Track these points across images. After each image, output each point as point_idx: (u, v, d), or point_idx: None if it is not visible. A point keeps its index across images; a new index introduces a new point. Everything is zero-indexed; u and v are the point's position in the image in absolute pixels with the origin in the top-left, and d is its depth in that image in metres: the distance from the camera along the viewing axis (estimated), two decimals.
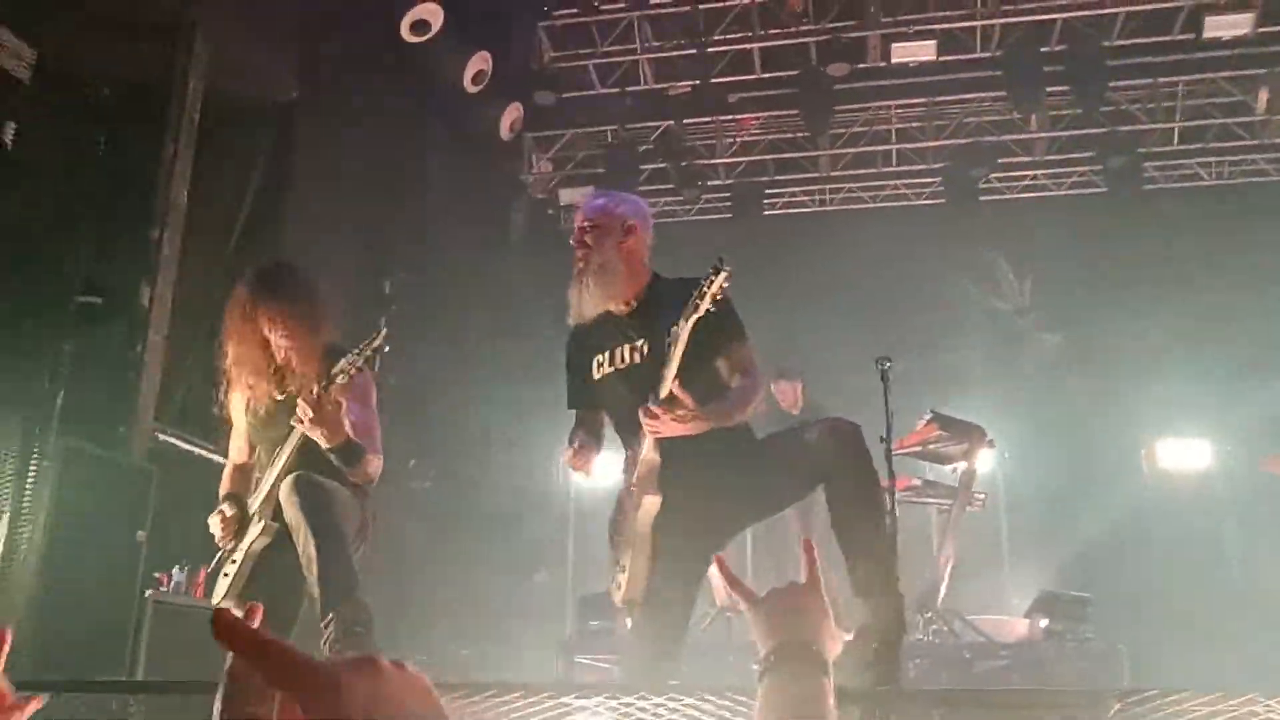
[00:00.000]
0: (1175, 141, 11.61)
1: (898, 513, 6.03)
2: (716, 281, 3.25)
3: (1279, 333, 10.21)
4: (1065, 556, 9.25)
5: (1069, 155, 11.93)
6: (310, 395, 3.81)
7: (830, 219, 12.63)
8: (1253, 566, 8.65)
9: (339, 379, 3.81)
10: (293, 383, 4.05)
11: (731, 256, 3.27)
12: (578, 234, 3.83)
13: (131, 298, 6.45)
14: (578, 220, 3.91)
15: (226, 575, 4.07)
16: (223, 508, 4.15)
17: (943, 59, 10.74)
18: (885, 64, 10.94)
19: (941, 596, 7.02)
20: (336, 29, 8.52)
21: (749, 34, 11.21)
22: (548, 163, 12.73)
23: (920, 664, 6.66)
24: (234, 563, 4.06)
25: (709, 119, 12.04)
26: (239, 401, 4.23)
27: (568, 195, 12.00)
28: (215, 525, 4.14)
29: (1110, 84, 10.72)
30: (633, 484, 3.52)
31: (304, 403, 3.81)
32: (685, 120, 11.94)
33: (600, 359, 3.77)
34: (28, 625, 4.91)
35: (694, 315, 3.31)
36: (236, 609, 4.01)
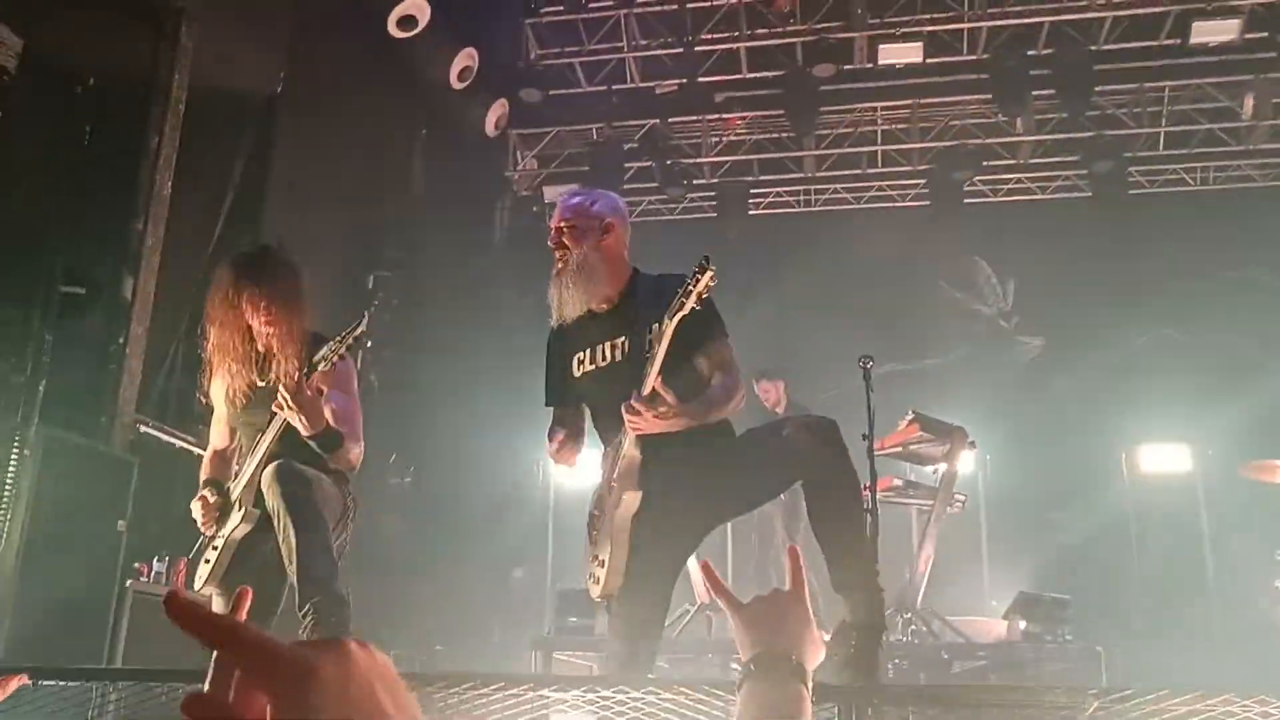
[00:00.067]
0: (1161, 146, 11.65)
1: (879, 513, 6.03)
2: (702, 280, 3.22)
3: (1261, 338, 10.28)
4: (1045, 559, 9.27)
5: (1054, 159, 11.96)
6: (292, 381, 3.81)
7: (815, 220, 12.65)
8: (1231, 570, 8.68)
9: (321, 366, 3.81)
10: (274, 369, 4.03)
11: (715, 256, 3.26)
12: (555, 234, 3.77)
13: (114, 289, 6.44)
14: (554, 220, 3.84)
15: (208, 562, 4.06)
16: (204, 493, 4.14)
17: (929, 61, 10.79)
18: (871, 65, 11.01)
19: (920, 597, 7.03)
20: (323, 23, 8.52)
21: (736, 33, 11.25)
22: (533, 160, 12.71)
23: (899, 664, 6.68)
24: (215, 549, 4.06)
25: (695, 118, 12.03)
26: (220, 387, 4.20)
27: (552, 193, 11.96)
28: (197, 510, 4.13)
29: (1096, 88, 10.77)
30: (613, 480, 3.52)
31: (285, 389, 3.80)
32: (671, 119, 11.96)
33: (581, 356, 3.76)
34: (7, 613, 4.91)
35: (679, 313, 3.28)
36: (219, 596, 4.03)
